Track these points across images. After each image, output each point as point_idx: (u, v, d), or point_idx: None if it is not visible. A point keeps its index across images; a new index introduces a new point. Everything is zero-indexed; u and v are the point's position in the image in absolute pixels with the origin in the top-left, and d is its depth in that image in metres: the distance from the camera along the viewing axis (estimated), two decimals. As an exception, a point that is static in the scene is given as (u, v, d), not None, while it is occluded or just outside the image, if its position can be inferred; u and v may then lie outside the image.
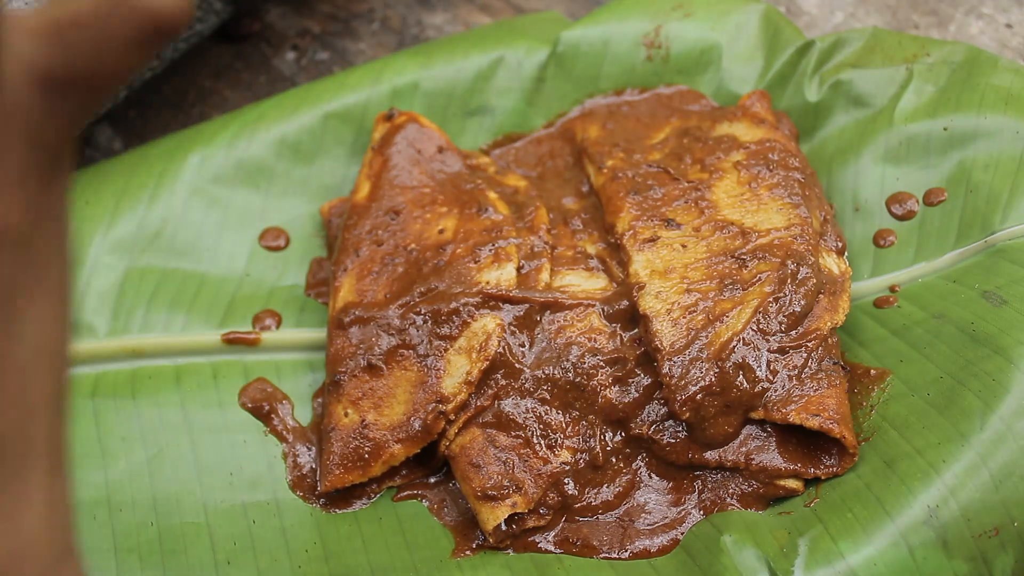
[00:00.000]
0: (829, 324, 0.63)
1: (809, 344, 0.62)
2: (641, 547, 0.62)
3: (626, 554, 0.62)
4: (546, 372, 0.63)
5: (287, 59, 0.88)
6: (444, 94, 0.76)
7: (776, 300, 0.62)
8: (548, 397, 0.63)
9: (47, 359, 0.32)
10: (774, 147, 0.68)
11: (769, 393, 0.61)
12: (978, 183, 0.67)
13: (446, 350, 0.64)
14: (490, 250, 0.66)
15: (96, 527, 0.63)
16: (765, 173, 0.67)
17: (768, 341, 0.61)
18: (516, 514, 0.61)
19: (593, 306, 0.65)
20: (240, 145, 0.75)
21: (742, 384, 0.61)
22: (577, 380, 0.63)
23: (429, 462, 0.65)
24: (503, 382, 0.63)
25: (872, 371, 0.64)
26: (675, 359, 0.61)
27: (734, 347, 0.61)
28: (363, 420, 0.64)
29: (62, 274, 0.32)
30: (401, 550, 0.62)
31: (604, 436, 0.63)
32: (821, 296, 0.63)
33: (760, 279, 0.63)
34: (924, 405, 0.61)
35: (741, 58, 0.75)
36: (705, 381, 0.60)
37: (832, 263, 0.65)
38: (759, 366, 0.61)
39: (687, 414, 0.60)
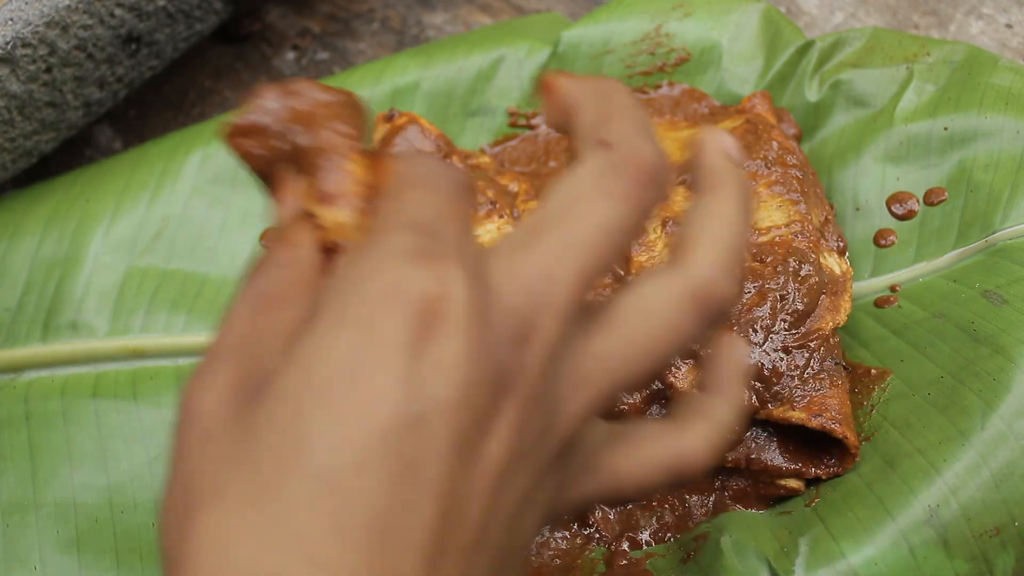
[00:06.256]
0: (831, 324, 0.62)
1: (811, 344, 0.62)
2: (642, 547, 0.62)
3: (627, 554, 0.62)
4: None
5: (287, 59, 0.88)
6: (445, 94, 0.76)
7: (779, 298, 0.62)
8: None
9: None
10: (771, 145, 0.68)
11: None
12: (978, 183, 0.67)
13: (447, 350, 0.64)
14: (491, 250, 0.66)
15: (98, 529, 0.63)
16: (763, 170, 0.67)
17: (771, 339, 0.61)
18: (517, 514, 0.61)
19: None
20: (241, 145, 0.74)
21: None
22: (578, 380, 0.63)
23: (430, 462, 0.65)
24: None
25: (873, 371, 0.64)
26: (677, 358, 0.61)
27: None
28: (364, 420, 0.64)
29: None
30: (402, 550, 0.62)
31: (605, 436, 0.63)
32: (823, 296, 0.63)
33: (762, 277, 0.63)
34: (925, 404, 0.61)
35: (741, 58, 0.75)
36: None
37: (834, 263, 0.65)
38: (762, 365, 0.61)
39: (688, 414, 0.60)
